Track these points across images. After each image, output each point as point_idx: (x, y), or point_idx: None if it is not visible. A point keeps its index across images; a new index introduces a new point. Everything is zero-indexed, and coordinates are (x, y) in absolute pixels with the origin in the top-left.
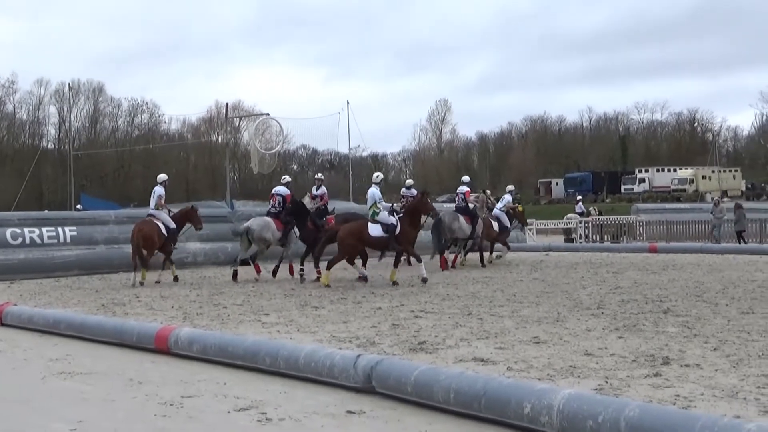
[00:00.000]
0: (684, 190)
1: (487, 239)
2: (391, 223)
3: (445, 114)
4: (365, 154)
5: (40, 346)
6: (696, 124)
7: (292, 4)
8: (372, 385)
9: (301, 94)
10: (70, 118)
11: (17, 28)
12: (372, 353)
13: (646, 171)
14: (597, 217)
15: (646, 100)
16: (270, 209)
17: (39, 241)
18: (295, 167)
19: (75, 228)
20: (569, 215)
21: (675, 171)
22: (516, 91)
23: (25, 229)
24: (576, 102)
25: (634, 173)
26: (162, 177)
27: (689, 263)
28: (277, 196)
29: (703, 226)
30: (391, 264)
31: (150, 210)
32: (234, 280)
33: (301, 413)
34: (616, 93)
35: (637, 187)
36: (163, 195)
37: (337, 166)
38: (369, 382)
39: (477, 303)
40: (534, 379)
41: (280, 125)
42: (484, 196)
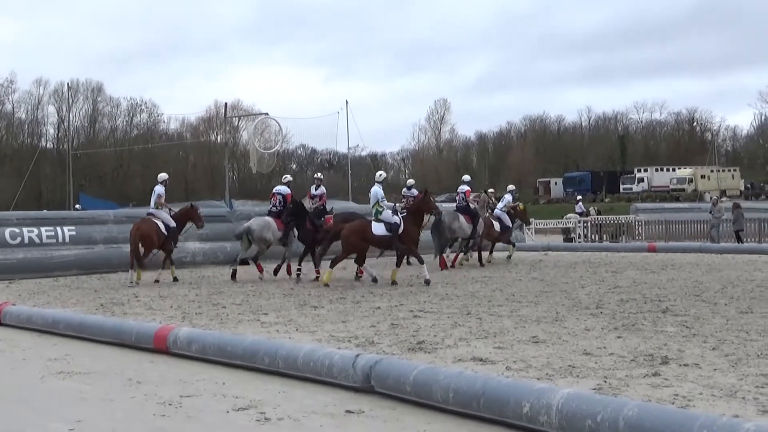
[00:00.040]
0: (683, 190)
1: (488, 239)
2: (395, 222)
3: (444, 114)
4: (364, 153)
5: (39, 346)
6: (695, 123)
7: (292, 4)
8: (371, 385)
9: (301, 93)
10: (69, 117)
11: (16, 28)
12: (371, 353)
13: (645, 170)
14: (596, 216)
15: (645, 99)
16: (271, 208)
17: (38, 240)
18: (294, 167)
19: (74, 228)
20: (569, 215)
21: (674, 171)
22: (515, 91)
23: (24, 229)
24: (575, 102)
25: (633, 173)
26: (162, 176)
27: (688, 263)
28: (278, 195)
29: (701, 225)
30: (388, 263)
31: (150, 209)
32: (233, 279)
33: (299, 413)
34: (615, 93)
35: (636, 187)
36: (162, 194)
37: (336, 165)
38: (368, 381)
39: (476, 302)
40: (533, 378)
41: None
42: (485, 196)
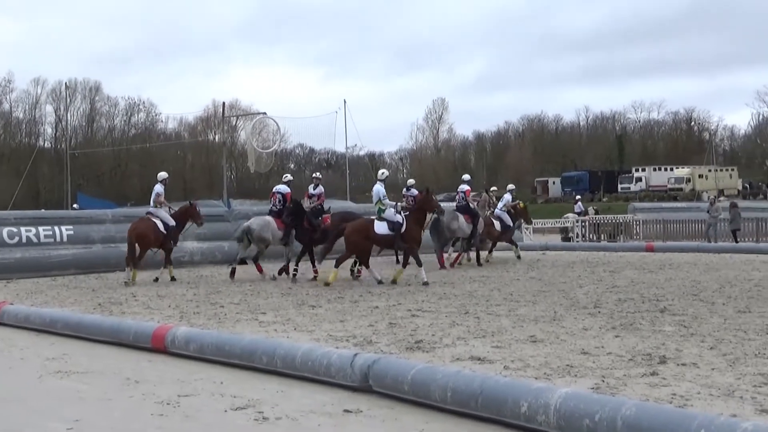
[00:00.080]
0: (681, 189)
1: (490, 238)
2: (397, 221)
3: (442, 113)
4: (362, 153)
5: (37, 345)
6: (693, 123)
7: (290, 3)
8: (369, 384)
9: (299, 93)
10: (67, 117)
11: (14, 28)
12: (369, 352)
13: (643, 170)
14: (594, 216)
15: (642, 99)
16: (271, 208)
17: (36, 240)
18: (292, 166)
19: (72, 227)
20: (568, 214)
21: (672, 170)
22: (513, 90)
23: (22, 228)
24: (573, 101)
25: (630, 172)
26: (162, 175)
27: (686, 262)
28: (278, 194)
29: (699, 225)
30: (386, 262)
31: (149, 208)
32: (231, 278)
33: (298, 412)
34: (613, 92)
35: (633, 186)
36: (161, 193)
37: (334, 165)
38: (366, 381)
39: (474, 302)
40: (531, 378)
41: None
42: (486, 196)
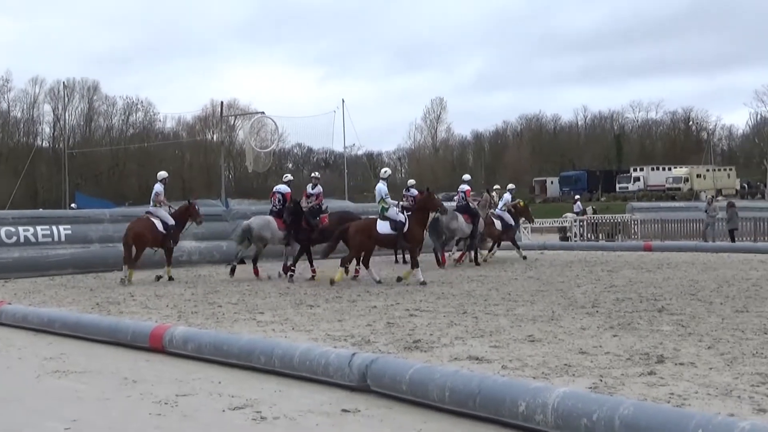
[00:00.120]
0: (679, 189)
1: (491, 238)
2: (400, 221)
3: (440, 112)
4: (360, 152)
5: (35, 345)
6: (691, 122)
7: (289, 3)
8: (367, 384)
9: (297, 92)
10: (65, 116)
11: (12, 27)
12: (367, 352)
13: (641, 170)
14: (591, 216)
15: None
16: (272, 208)
17: (33, 239)
18: (290, 166)
19: (69, 227)
20: (567, 214)
21: (670, 170)
22: (511, 90)
23: (20, 228)
24: (571, 100)
25: (629, 172)
26: (162, 174)
27: (684, 262)
28: (278, 194)
29: (697, 224)
30: (384, 261)
31: (149, 208)
32: (231, 275)
33: (296, 412)
34: (611, 92)
35: (632, 186)
36: (160, 192)
37: (332, 164)
38: (364, 380)
39: (472, 301)
40: (529, 377)
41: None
42: (487, 196)
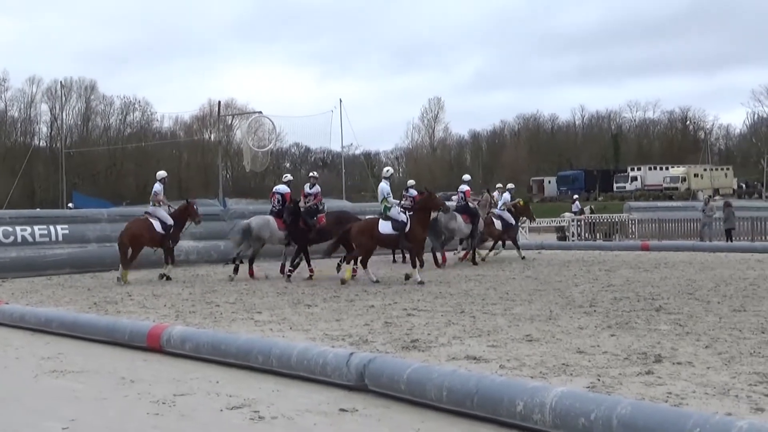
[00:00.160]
0: (676, 189)
1: (492, 237)
2: (402, 221)
3: (438, 112)
4: (358, 152)
5: (32, 345)
6: (688, 122)
7: (287, 3)
8: (365, 383)
9: (295, 92)
10: (62, 116)
11: (10, 27)
12: (365, 351)
13: (639, 169)
14: (589, 215)
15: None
16: (272, 208)
17: (31, 239)
18: (288, 165)
19: (67, 226)
20: (565, 213)
21: (667, 169)
22: (509, 90)
23: (17, 228)
24: (569, 100)
25: (626, 171)
26: (161, 174)
27: (681, 261)
28: (277, 194)
29: (695, 224)
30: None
31: (148, 208)
32: (235, 273)
33: (293, 411)
34: (608, 91)
35: (629, 186)
36: (159, 191)
37: (330, 164)
38: (362, 380)
39: (470, 301)
40: (526, 377)
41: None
42: (488, 195)
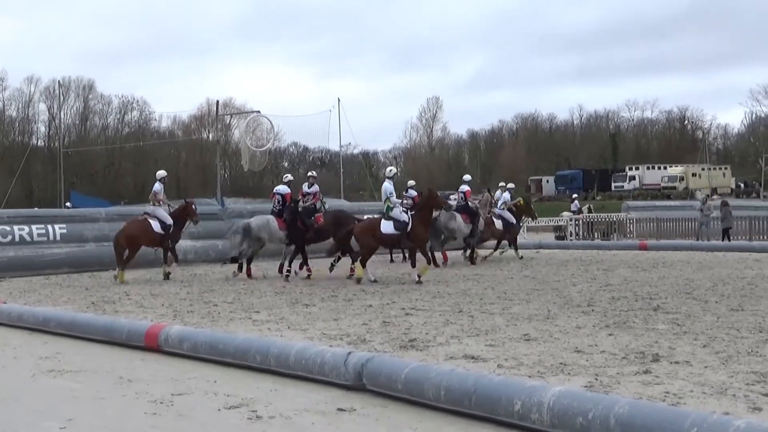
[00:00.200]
0: (674, 188)
1: (493, 237)
2: (403, 221)
3: (436, 112)
4: (356, 151)
5: (30, 344)
6: (686, 122)
7: (286, 2)
8: (363, 383)
9: (294, 91)
10: (60, 115)
11: (7, 26)
12: (363, 351)
13: (637, 169)
14: (587, 214)
15: (636, 98)
16: (273, 208)
17: (29, 238)
18: (286, 165)
19: (65, 226)
20: (564, 213)
21: (665, 169)
22: (507, 89)
23: (15, 227)
24: (567, 100)
25: (624, 171)
26: (161, 174)
27: (679, 260)
28: (277, 194)
29: (692, 223)
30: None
31: (147, 208)
32: (239, 272)
33: (291, 411)
34: (606, 91)
35: (627, 185)
36: (158, 191)
37: (328, 163)
38: (360, 379)
39: (468, 300)
40: (524, 376)
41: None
42: (488, 195)
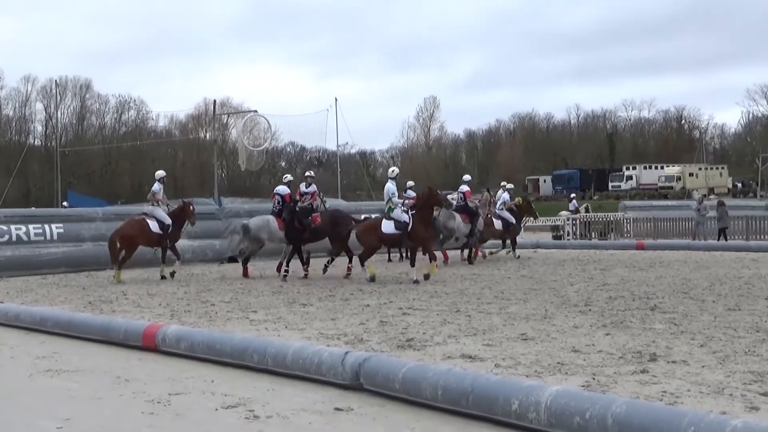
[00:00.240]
0: (671, 188)
1: (494, 237)
2: (403, 221)
3: (433, 111)
4: (353, 151)
5: (27, 344)
6: (683, 121)
7: (284, 2)
8: (360, 382)
9: (291, 91)
10: (57, 114)
11: (5, 25)
12: (360, 350)
13: (634, 168)
14: (584, 214)
15: (633, 97)
16: (273, 208)
17: (26, 238)
18: (284, 164)
19: (62, 225)
20: (562, 212)
21: (662, 168)
22: (504, 89)
23: (12, 227)
24: (564, 99)
25: (621, 170)
26: (160, 174)
27: (676, 260)
28: (277, 195)
29: (689, 223)
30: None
31: (145, 208)
32: (245, 266)
33: (288, 410)
34: (603, 90)
35: (624, 185)
36: (156, 191)
37: (326, 163)
38: (357, 379)
39: (465, 300)
40: (521, 375)
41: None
42: (488, 194)
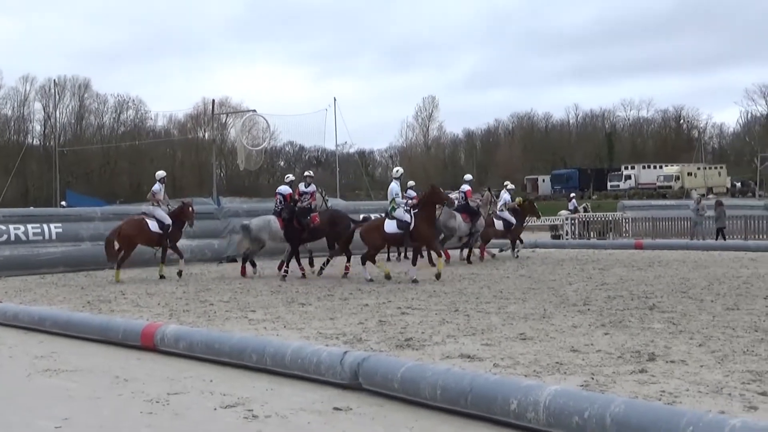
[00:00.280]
0: (670, 187)
1: (495, 237)
2: (405, 220)
3: (432, 111)
4: (352, 150)
5: (26, 344)
6: (682, 121)
7: (283, 1)
8: (359, 382)
9: (290, 91)
10: (56, 114)
11: (4, 25)
12: (359, 350)
13: (632, 168)
14: (583, 214)
15: (632, 97)
16: (275, 208)
17: (24, 237)
18: (282, 164)
19: (60, 225)
20: (561, 212)
21: (661, 168)
22: (503, 88)
23: (10, 226)
24: (563, 99)
25: (620, 170)
26: (160, 174)
27: (675, 260)
28: (279, 195)
29: (688, 222)
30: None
31: (144, 208)
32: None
33: (287, 410)
34: (602, 90)
35: (623, 184)
36: (156, 191)
37: (324, 162)
38: (356, 378)
39: (464, 300)
40: (520, 375)
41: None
42: (489, 194)
